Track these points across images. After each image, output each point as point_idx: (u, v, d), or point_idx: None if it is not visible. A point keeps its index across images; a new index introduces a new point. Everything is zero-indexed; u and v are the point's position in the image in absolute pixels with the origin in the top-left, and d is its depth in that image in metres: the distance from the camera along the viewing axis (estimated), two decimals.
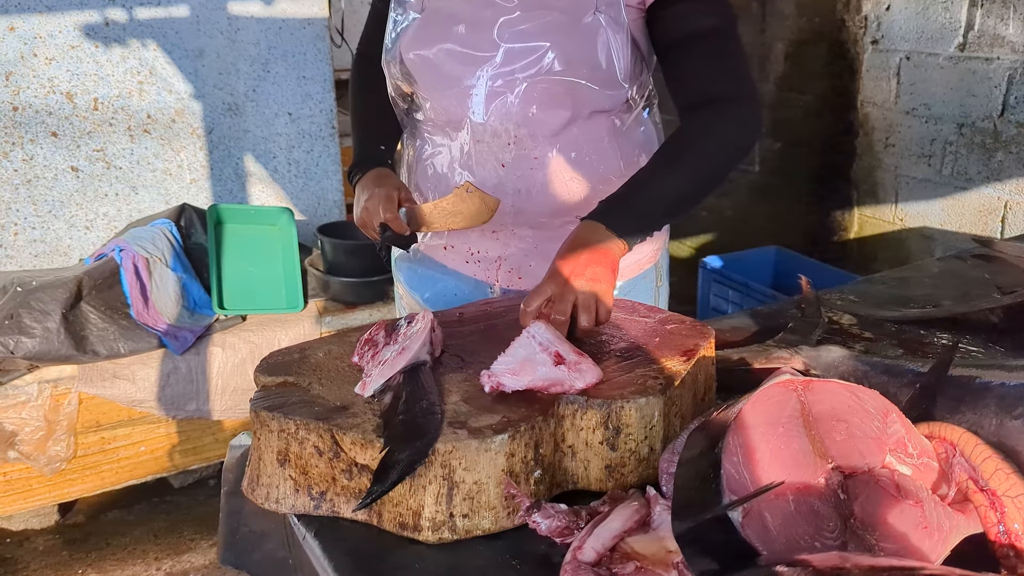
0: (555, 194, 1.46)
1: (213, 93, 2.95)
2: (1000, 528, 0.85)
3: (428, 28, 1.42)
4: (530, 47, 1.36)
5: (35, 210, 2.77)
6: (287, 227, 2.87)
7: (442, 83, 1.43)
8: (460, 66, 1.40)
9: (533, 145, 1.43)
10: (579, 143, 1.44)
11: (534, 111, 1.40)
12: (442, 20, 1.41)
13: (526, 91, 1.38)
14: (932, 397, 1.05)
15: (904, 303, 1.62)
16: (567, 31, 1.35)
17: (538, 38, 1.35)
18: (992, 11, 2.75)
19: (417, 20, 1.43)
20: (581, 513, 0.95)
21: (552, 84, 1.38)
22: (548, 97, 1.39)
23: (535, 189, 1.46)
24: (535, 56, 1.36)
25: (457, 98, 1.42)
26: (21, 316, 2.33)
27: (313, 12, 3.05)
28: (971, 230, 2.94)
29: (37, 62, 2.67)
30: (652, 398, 1.02)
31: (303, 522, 1.01)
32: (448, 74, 1.41)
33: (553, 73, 1.37)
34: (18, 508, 2.52)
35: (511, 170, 1.45)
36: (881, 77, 3.22)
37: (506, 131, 1.42)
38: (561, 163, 1.44)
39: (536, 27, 1.35)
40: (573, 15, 1.35)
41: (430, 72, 1.43)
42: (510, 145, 1.43)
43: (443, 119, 1.48)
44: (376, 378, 1.07)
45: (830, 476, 0.84)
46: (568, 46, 1.35)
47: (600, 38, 1.35)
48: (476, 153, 1.45)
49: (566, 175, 1.45)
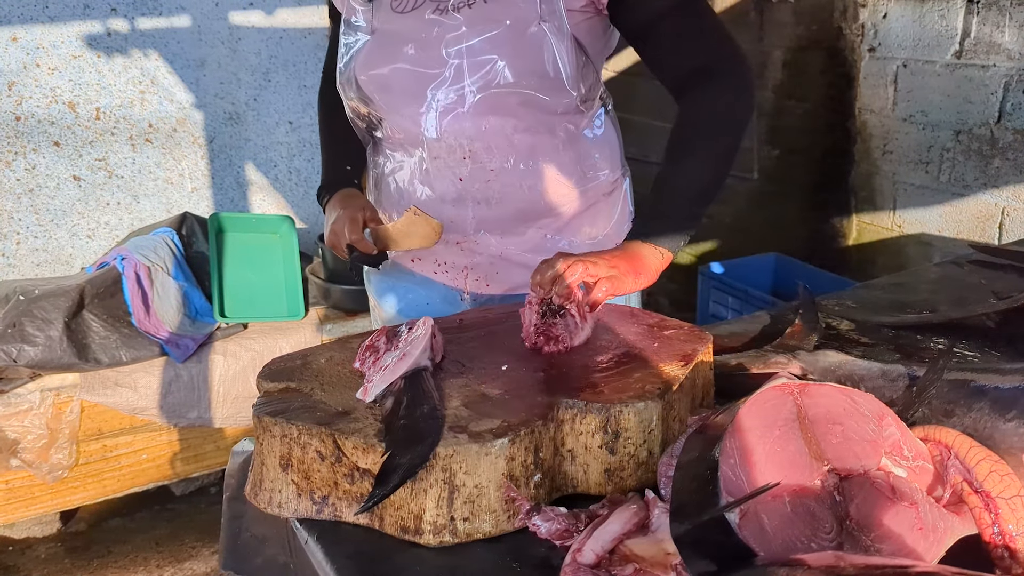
0: (515, 202, 1.49)
1: (214, 102, 2.96)
2: (994, 529, 0.86)
3: (379, 50, 1.44)
4: (478, 61, 1.37)
5: (37, 219, 2.79)
6: (288, 235, 2.88)
7: (396, 102, 1.45)
8: (412, 84, 1.41)
9: (488, 157, 1.45)
10: (534, 151, 1.46)
11: (486, 124, 1.42)
12: (392, 41, 1.43)
13: (477, 105, 1.40)
14: (927, 400, 1.06)
15: (901, 309, 1.63)
16: (513, 43, 1.36)
17: (486, 52, 1.37)
18: (988, 19, 2.77)
19: (368, 42, 1.45)
20: (580, 516, 0.96)
21: (502, 96, 1.39)
22: (499, 109, 1.41)
23: (494, 199, 1.48)
24: (484, 71, 1.38)
25: (411, 116, 1.44)
26: (24, 324, 2.34)
27: (313, 22, 3.07)
28: (969, 236, 2.95)
29: (40, 72, 2.69)
30: (651, 402, 1.03)
31: (305, 526, 1.02)
32: (401, 93, 1.43)
33: (502, 86, 1.38)
34: (20, 516, 2.52)
35: (468, 183, 1.47)
36: (878, 84, 3.23)
37: (460, 146, 1.44)
38: (518, 172, 1.47)
39: (483, 42, 1.36)
40: (517, 27, 1.36)
41: (384, 92, 1.45)
42: (465, 159, 1.45)
43: (400, 136, 1.50)
44: (378, 383, 1.08)
45: (826, 478, 0.85)
46: (515, 58, 1.37)
47: (545, 47, 1.36)
48: (433, 169, 1.47)
49: (524, 183, 1.47)
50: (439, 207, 1.50)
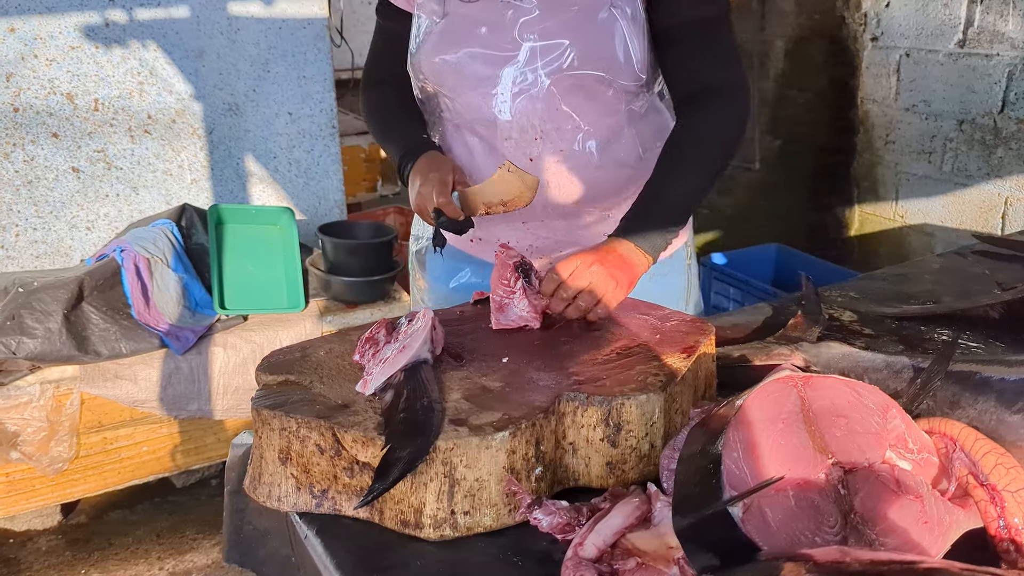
0: (582, 184, 1.51)
1: (213, 93, 2.95)
2: (1000, 523, 0.86)
3: (451, 32, 1.47)
4: (551, 44, 1.41)
5: (36, 211, 2.78)
6: (288, 227, 2.87)
7: (467, 85, 1.47)
8: (484, 67, 1.44)
9: (559, 138, 1.48)
10: (602, 134, 1.49)
11: (557, 106, 1.45)
12: (465, 24, 1.46)
13: (549, 87, 1.43)
14: (932, 392, 1.05)
15: (904, 299, 1.62)
16: (583, 27, 1.40)
17: (558, 35, 1.40)
18: (991, 7, 2.75)
19: (440, 25, 1.48)
20: (582, 510, 0.96)
21: (573, 79, 1.43)
22: (570, 91, 1.44)
23: (563, 181, 1.51)
24: (556, 53, 1.41)
25: (483, 98, 1.47)
26: (23, 317, 2.33)
27: (313, 12, 3.05)
28: (971, 226, 2.94)
29: (38, 63, 2.67)
30: (653, 395, 1.02)
31: (305, 520, 1.01)
32: (473, 76, 1.46)
33: (573, 68, 1.41)
34: (21, 509, 2.52)
35: (538, 164, 1.50)
36: (881, 74, 3.22)
37: (532, 126, 1.47)
38: (586, 154, 1.50)
39: (555, 25, 1.40)
40: (587, 12, 1.39)
41: (455, 75, 1.48)
42: (536, 140, 1.48)
43: (470, 117, 1.52)
44: (377, 376, 1.07)
45: (830, 471, 0.84)
46: (586, 41, 1.40)
47: (616, 32, 1.40)
48: (505, 150, 1.50)
49: (591, 165, 1.50)
50: None
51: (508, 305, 1.25)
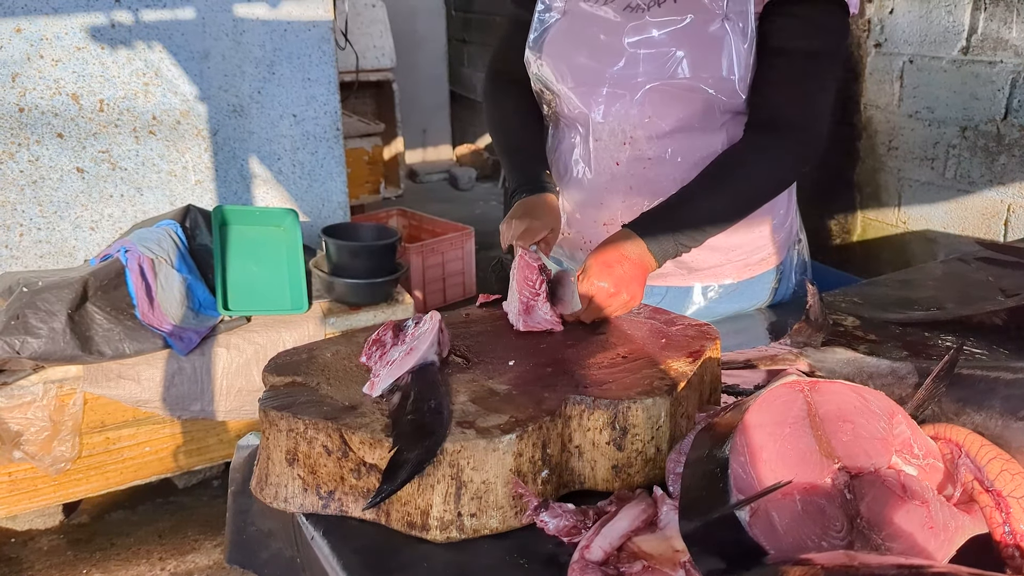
0: (664, 194, 1.48)
1: (218, 95, 2.95)
2: (1005, 528, 0.86)
3: (566, 31, 1.49)
4: (656, 53, 1.42)
5: (41, 211, 2.78)
6: (292, 228, 2.87)
7: (571, 82, 1.49)
8: (591, 68, 1.46)
9: (648, 146, 1.48)
10: (691, 146, 1.48)
11: (651, 114, 1.45)
12: (580, 25, 1.48)
13: (646, 94, 1.44)
14: (937, 398, 1.05)
15: (908, 306, 1.62)
16: (692, 39, 1.40)
17: (665, 44, 1.41)
18: (995, 14, 2.75)
19: (560, 21, 1.51)
20: (588, 513, 0.96)
21: (673, 89, 1.42)
22: (667, 101, 1.44)
23: (646, 188, 1.51)
24: (660, 62, 1.42)
25: (582, 97, 1.49)
26: (27, 316, 2.33)
27: (318, 14, 3.06)
28: (974, 233, 2.94)
29: (43, 63, 2.68)
30: (659, 399, 1.03)
31: (311, 521, 1.02)
32: (578, 75, 1.48)
33: (676, 78, 1.41)
34: (23, 508, 2.52)
35: (625, 168, 1.51)
36: (884, 80, 3.22)
37: (622, 131, 1.48)
38: (673, 164, 1.49)
39: (665, 34, 1.41)
40: (698, 24, 1.39)
41: (562, 72, 1.50)
42: (625, 145, 1.49)
43: (572, 115, 1.54)
44: (384, 378, 1.08)
45: (837, 476, 0.84)
46: (694, 53, 1.40)
47: (724, 46, 1.39)
48: (594, 150, 1.51)
49: (677, 176, 1.49)
50: (593, 188, 1.55)
51: (534, 307, 1.25)
